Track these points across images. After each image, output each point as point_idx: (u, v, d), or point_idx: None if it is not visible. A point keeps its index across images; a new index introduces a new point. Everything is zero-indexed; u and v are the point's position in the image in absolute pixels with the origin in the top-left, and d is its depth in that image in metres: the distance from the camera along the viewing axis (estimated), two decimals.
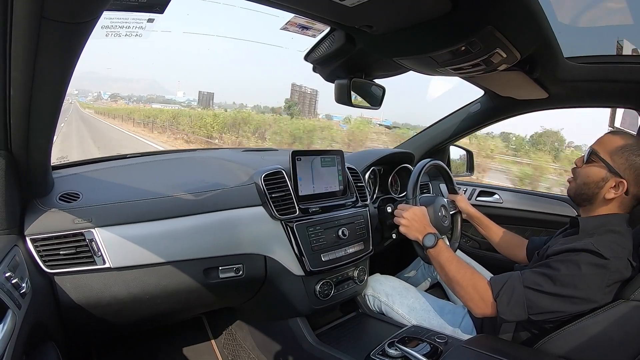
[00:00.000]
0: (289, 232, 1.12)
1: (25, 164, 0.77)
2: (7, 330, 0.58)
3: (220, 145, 15.09)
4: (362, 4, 0.71)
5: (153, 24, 0.77)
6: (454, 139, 1.82)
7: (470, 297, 0.91)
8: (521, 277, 0.86)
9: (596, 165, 0.90)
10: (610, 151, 0.88)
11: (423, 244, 1.04)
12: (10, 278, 0.66)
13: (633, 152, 0.86)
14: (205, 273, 1.03)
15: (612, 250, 0.81)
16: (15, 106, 0.63)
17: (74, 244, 0.86)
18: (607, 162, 0.88)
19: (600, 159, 0.89)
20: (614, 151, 0.88)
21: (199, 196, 1.04)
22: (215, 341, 1.46)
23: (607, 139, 0.91)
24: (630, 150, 0.86)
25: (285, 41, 53.93)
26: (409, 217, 1.08)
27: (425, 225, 1.07)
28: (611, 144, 0.89)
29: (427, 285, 1.51)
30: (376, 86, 1.31)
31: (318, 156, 1.24)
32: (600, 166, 0.89)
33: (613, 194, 0.87)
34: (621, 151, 0.87)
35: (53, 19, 0.50)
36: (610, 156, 0.88)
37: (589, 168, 0.91)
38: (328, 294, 1.22)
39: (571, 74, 1.15)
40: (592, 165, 0.91)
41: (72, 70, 0.61)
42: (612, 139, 0.90)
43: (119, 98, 54.27)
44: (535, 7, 0.78)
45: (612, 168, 0.87)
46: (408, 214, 1.09)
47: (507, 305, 0.85)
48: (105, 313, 0.94)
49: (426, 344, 0.94)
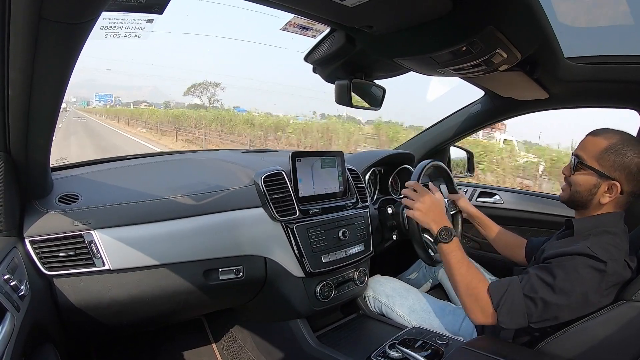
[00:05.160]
0: (289, 233, 1.11)
1: (24, 165, 0.77)
2: (6, 333, 0.58)
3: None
4: (362, 4, 0.71)
5: (152, 24, 0.77)
6: (455, 139, 1.82)
7: (471, 307, 0.90)
8: (520, 285, 0.84)
9: (585, 173, 0.87)
10: (596, 155, 0.85)
11: (437, 236, 0.97)
12: (9, 280, 0.66)
13: (619, 152, 0.83)
14: (205, 275, 1.03)
15: (609, 252, 0.80)
16: (14, 107, 0.62)
17: (73, 246, 0.86)
18: (595, 168, 0.85)
19: (587, 166, 0.86)
20: (600, 155, 0.84)
21: (199, 198, 1.04)
22: (215, 343, 1.45)
23: (589, 142, 0.88)
24: (616, 150, 0.83)
25: (285, 42, 53.55)
26: (427, 203, 1.01)
27: (443, 217, 1.00)
28: (595, 147, 0.86)
29: (428, 287, 1.50)
30: (376, 87, 1.31)
31: (318, 157, 1.23)
32: (589, 173, 0.86)
33: (608, 198, 0.85)
34: (606, 153, 0.84)
35: (52, 20, 0.50)
36: (597, 161, 0.85)
37: (578, 177, 0.88)
38: (328, 296, 1.21)
39: (571, 74, 1.15)
40: (581, 174, 0.87)
41: (71, 70, 0.61)
42: (595, 142, 0.86)
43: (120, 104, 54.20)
44: (536, 7, 0.78)
45: (602, 173, 0.84)
46: (426, 199, 1.01)
47: (507, 315, 0.84)
48: (104, 315, 0.94)
49: (427, 346, 0.93)
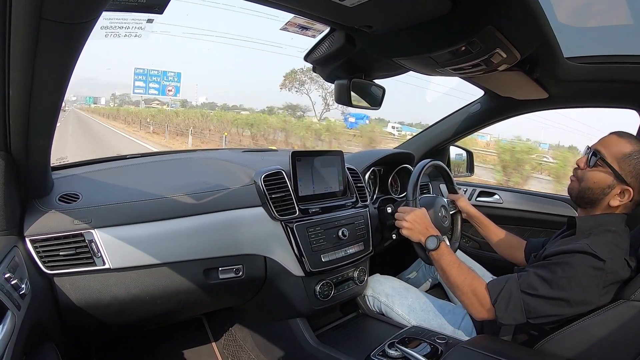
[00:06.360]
0: (289, 232, 1.12)
1: (24, 164, 0.77)
2: (7, 331, 0.58)
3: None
4: (362, 4, 0.71)
5: (152, 24, 0.78)
6: (454, 139, 1.82)
7: (470, 302, 0.91)
8: (518, 281, 0.85)
9: (602, 171, 0.85)
10: (618, 157, 0.84)
11: (426, 246, 1.03)
12: (9, 279, 0.66)
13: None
14: (205, 274, 1.03)
15: (609, 250, 0.80)
16: (14, 107, 0.63)
17: (74, 245, 0.86)
18: (615, 168, 0.84)
19: (607, 164, 0.85)
20: (622, 157, 0.84)
21: (199, 197, 1.04)
22: (215, 342, 1.45)
23: (613, 141, 0.86)
24: (638, 158, 0.83)
25: (285, 41, 53.42)
26: (411, 220, 1.07)
27: (427, 227, 1.06)
28: (618, 148, 0.85)
29: (427, 286, 1.50)
30: (376, 86, 1.31)
31: (318, 157, 1.23)
32: (607, 172, 0.85)
33: (618, 202, 0.85)
34: (629, 158, 0.83)
35: (52, 20, 0.50)
36: (618, 162, 0.84)
37: (594, 173, 0.87)
38: (328, 295, 1.21)
39: (571, 74, 1.15)
40: (598, 170, 0.86)
41: (72, 70, 0.61)
42: (620, 143, 0.85)
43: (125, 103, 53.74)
44: (535, 7, 0.78)
45: (620, 176, 0.83)
46: (410, 217, 1.08)
47: (505, 310, 0.84)
48: (104, 314, 0.94)
49: (426, 345, 0.94)
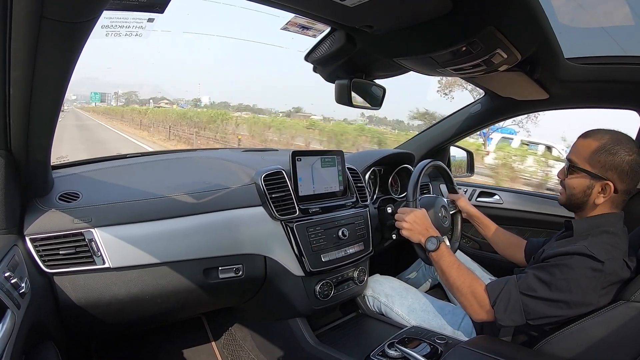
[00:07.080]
0: (289, 232, 1.12)
1: (25, 163, 0.77)
2: (7, 330, 0.58)
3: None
4: (363, 4, 0.71)
5: (153, 23, 0.77)
6: (455, 139, 1.82)
7: (469, 303, 0.91)
8: (517, 283, 0.86)
9: (578, 176, 0.89)
10: (587, 157, 0.87)
11: (425, 247, 1.03)
12: (9, 278, 0.66)
13: (609, 152, 0.85)
14: (205, 273, 1.03)
15: (607, 251, 0.80)
16: (15, 106, 0.63)
17: (74, 244, 0.86)
18: (587, 170, 0.87)
19: (579, 169, 0.88)
20: (590, 156, 0.87)
21: (199, 196, 1.04)
22: (215, 341, 1.45)
23: (580, 145, 0.90)
24: (606, 151, 0.85)
25: (285, 41, 53.74)
26: (411, 221, 1.08)
27: (427, 228, 1.06)
28: (585, 149, 0.88)
29: (427, 287, 1.50)
30: (376, 86, 1.31)
31: (318, 156, 1.23)
32: (582, 176, 0.88)
33: (602, 198, 0.87)
34: (597, 154, 0.86)
35: (53, 19, 0.50)
36: (588, 162, 0.87)
37: (572, 180, 0.91)
38: (328, 295, 1.21)
39: (571, 75, 1.15)
40: (574, 177, 0.90)
41: (72, 69, 0.61)
42: (585, 144, 0.89)
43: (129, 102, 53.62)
44: (535, 7, 0.78)
45: (593, 174, 0.86)
46: (410, 218, 1.08)
47: (504, 312, 0.85)
48: (104, 313, 0.94)
49: (426, 345, 0.94)
